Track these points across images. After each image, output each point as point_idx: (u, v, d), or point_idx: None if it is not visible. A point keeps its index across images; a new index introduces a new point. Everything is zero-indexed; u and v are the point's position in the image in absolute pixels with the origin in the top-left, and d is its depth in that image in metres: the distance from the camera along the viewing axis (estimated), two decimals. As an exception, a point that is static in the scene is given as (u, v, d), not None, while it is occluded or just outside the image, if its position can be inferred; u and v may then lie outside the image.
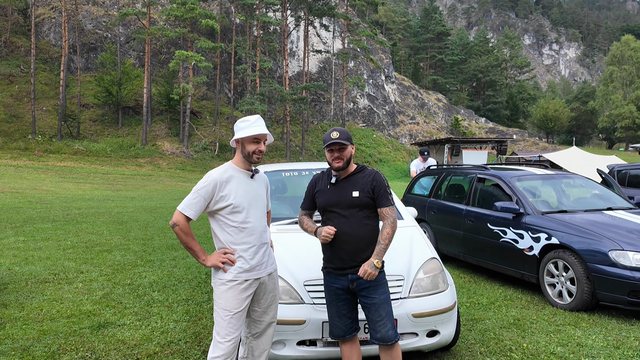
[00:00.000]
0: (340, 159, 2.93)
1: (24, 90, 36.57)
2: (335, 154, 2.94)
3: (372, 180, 2.93)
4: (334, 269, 2.95)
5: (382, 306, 2.87)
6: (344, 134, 2.95)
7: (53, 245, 8.23)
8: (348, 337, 2.98)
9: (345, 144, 2.91)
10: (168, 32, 35.24)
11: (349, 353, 3.02)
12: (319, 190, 3.05)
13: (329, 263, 2.99)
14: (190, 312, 4.83)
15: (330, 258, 2.96)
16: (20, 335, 4.17)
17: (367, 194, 2.91)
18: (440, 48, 78.90)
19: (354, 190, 2.92)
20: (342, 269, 2.91)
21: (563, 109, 69.97)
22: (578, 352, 3.90)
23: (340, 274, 2.92)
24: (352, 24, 45.13)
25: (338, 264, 2.92)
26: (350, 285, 2.90)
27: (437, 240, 7.29)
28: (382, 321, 2.86)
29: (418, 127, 56.88)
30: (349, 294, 2.95)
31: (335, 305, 2.97)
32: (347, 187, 2.94)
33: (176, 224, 2.67)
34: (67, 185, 21.99)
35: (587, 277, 4.83)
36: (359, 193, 2.90)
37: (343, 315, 2.95)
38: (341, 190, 2.94)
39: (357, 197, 2.90)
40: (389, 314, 2.88)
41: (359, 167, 3.04)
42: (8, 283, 5.81)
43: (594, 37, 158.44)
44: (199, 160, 35.27)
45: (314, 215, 3.19)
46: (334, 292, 2.96)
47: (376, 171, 3.01)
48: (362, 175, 2.97)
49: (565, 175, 6.68)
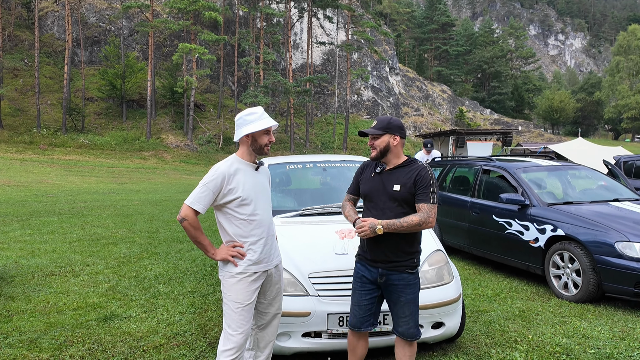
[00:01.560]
0: (373, 149, 2.87)
1: (29, 84, 36.65)
2: (369, 142, 2.90)
3: (416, 175, 2.77)
4: (367, 260, 2.89)
5: (407, 305, 2.82)
6: (381, 122, 2.86)
7: (59, 238, 8.27)
8: (363, 329, 2.92)
9: (377, 133, 2.83)
10: (171, 25, 35.15)
11: (355, 344, 3.00)
12: (364, 178, 2.99)
13: (362, 251, 2.94)
14: (196, 304, 4.85)
15: (365, 247, 2.91)
16: (27, 327, 4.21)
17: (408, 189, 2.77)
18: (444, 39, 78.39)
19: (396, 183, 2.80)
20: (375, 261, 2.85)
21: (569, 99, 69.53)
22: (584, 344, 3.89)
23: (372, 265, 2.87)
24: (355, 15, 44.86)
25: (371, 255, 2.86)
26: (379, 279, 2.85)
27: (442, 232, 7.28)
28: (405, 318, 2.82)
29: (422, 118, 56.68)
30: (374, 285, 2.88)
31: (358, 293, 2.92)
32: (390, 179, 2.83)
33: (185, 219, 2.65)
34: (73, 178, 22.08)
35: (593, 269, 4.81)
36: (400, 187, 2.78)
37: (363, 306, 2.90)
38: (384, 181, 2.85)
39: (397, 191, 2.78)
40: (413, 312, 2.83)
41: (409, 160, 2.88)
42: (15, 276, 5.85)
43: (600, 26, 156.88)
44: (203, 153, 35.31)
45: (358, 202, 3.12)
46: (359, 280, 2.92)
47: (424, 166, 2.82)
48: (407, 169, 2.82)
49: (571, 167, 6.64)
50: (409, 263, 2.83)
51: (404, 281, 2.81)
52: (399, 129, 2.86)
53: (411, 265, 2.83)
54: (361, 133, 2.97)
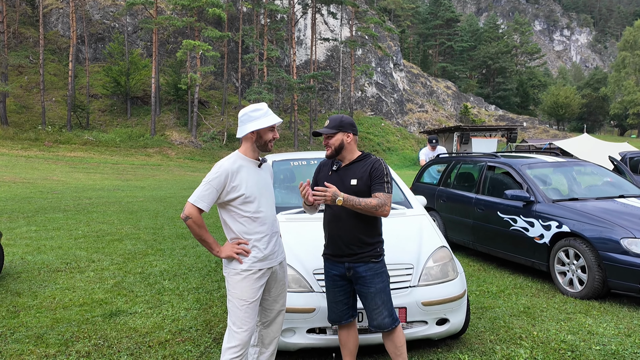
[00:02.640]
0: (328, 147, 2.95)
1: (34, 81, 36.79)
2: (324, 142, 2.98)
3: (371, 167, 2.89)
4: (331, 256, 2.97)
5: (378, 295, 2.88)
6: (334, 121, 2.94)
7: (64, 235, 8.32)
8: (344, 322, 3.01)
9: (331, 132, 2.91)
10: (175, 22, 35.17)
11: (346, 338, 3.07)
12: (321, 177, 3.07)
13: (327, 249, 3.01)
14: (201, 300, 4.87)
15: (328, 245, 2.99)
16: (34, 323, 4.24)
17: (365, 182, 2.88)
18: (449, 35, 78.05)
19: (353, 178, 2.90)
20: (339, 256, 2.93)
21: (574, 95, 69.10)
22: (589, 340, 3.88)
23: (337, 261, 2.94)
24: (360, 11, 44.71)
25: (335, 251, 2.94)
26: (347, 273, 2.92)
27: (447, 229, 7.26)
28: (378, 309, 2.88)
29: (427, 115, 56.51)
30: (345, 281, 2.97)
31: (332, 291, 3.00)
32: (347, 175, 2.93)
33: (189, 217, 2.64)
34: (78, 175, 22.18)
35: (598, 265, 4.79)
36: (357, 181, 2.89)
37: (339, 302, 2.99)
38: (341, 178, 2.94)
39: (354, 185, 2.88)
40: (385, 302, 2.89)
41: (362, 155, 3.00)
42: (21, 272, 5.89)
43: (606, 22, 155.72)
44: (208, 149, 35.36)
45: None
46: (331, 279, 2.99)
47: (377, 159, 2.95)
48: (362, 164, 2.94)
49: (577, 163, 6.61)
50: (373, 253, 2.90)
51: (371, 271, 2.88)
52: (351, 126, 2.96)
53: (375, 255, 2.91)
54: (315, 133, 3.02)
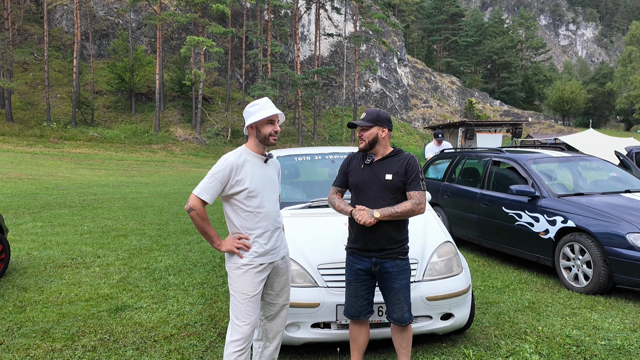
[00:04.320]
0: (362, 140, 2.94)
1: (38, 78, 36.89)
2: (358, 134, 2.97)
3: (406, 164, 2.89)
4: (359, 250, 2.95)
5: (401, 291, 2.90)
6: (370, 115, 2.94)
7: (70, 231, 8.36)
8: (362, 318, 3.00)
9: (366, 125, 2.90)
10: (179, 18, 35.13)
11: (357, 333, 3.06)
12: (352, 169, 3.04)
13: (354, 243, 2.98)
14: (206, 295, 4.89)
15: (356, 239, 2.96)
16: (40, 318, 4.27)
17: (400, 178, 2.87)
18: (454, 29, 77.54)
19: (388, 173, 2.89)
20: (367, 250, 2.91)
21: (580, 90, 68.62)
22: (594, 335, 3.87)
23: (365, 256, 2.93)
24: (364, 6, 44.52)
25: (363, 246, 2.92)
26: (373, 268, 2.91)
27: (451, 224, 7.25)
28: (400, 304, 2.90)
29: (431, 110, 56.32)
30: (369, 276, 2.96)
31: (354, 285, 2.98)
32: (381, 169, 2.92)
33: (192, 209, 2.66)
34: (83, 171, 22.27)
35: (603, 260, 4.77)
36: (392, 176, 2.88)
37: (360, 297, 2.97)
38: (375, 172, 2.92)
39: (389, 180, 2.87)
40: (407, 298, 2.92)
41: (395, 150, 2.99)
42: (27, 267, 5.93)
43: (612, 16, 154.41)
44: (212, 146, 35.39)
45: (344, 193, 3.16)
46: (354, 272, 2.97)
47: (411, 155, 2.96)
48: (397, 159, 2.93)
49: (582, 158, 6.57)
50: (401, 250, 2.93)
51: (397, 267, 2.90)
52: (387, 121, 2.97)
53: (402, 252, 2.93)
54: (350, 124, 3.03)
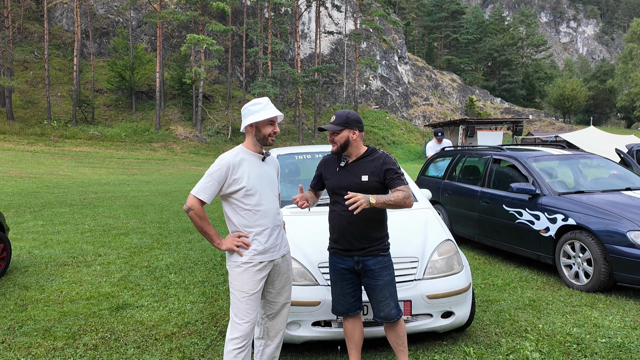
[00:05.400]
0: (334, 143, 2.95)
1: (39, 76, 36.88)
2: (329, 138, 2.97)
3: (382, 164, 2.89)
4: (340, 250, 2.97)
5: (386, 287, 2.91)
6: (340, 118, 2.93)
7: (71, 229, 8.37)
8: (351, 314, 3.03)
9: (336, 129, 2.90)
10: (179, 16, 35.10)
11: (352, 331, 3.08)
12: (327, 172, 3.05)
13: (335, 244, 3.01)
14: (207, 294, 4.90)
15: (337, 239, 2.98)
16: (41, 316, 4.28)
17: (377, 178, 2.88)
18: (454, 27, 77.44)
19: (363, 174, 2.89)
20: (349, 250, 2.94)
21: (580, 88, 68.51)
22: (594, 333, 3.87)
23: (347, 255, 2.95)
24: (364, 4, 44.46)
25: (345, 246, 2.94)
26: (356, 267, 2.94)
27: (452, 222, 7.25)
28: (385, 301, 2.92)
29: (432, 108, 56.26)
30: (353, 274, 2.99)
31: (339, 284, 3.01)
32: (356, 171, 2.92)
33: (191, 208, 2.68)
34: (83, 170, 22.28)
35: (604, 258, 4.77)
36: (369, 177, 2.88)
37: (347, 294, 3.00)
38: (350, 174, 2.93)
39: (366, 182, 2.88)
40: (392, 294, 2.93)
41: (369, 150, 3.00)
42: (28, 266, 5.94)
43: (613, 13, 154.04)
44: (212, 144, 35.39)
45: (320, 195, 3.20)
46: (339, 272, 3.00)
47: (386, 154, 2.96)
48: (371, 159, 2.94)
49: (583, 156, 6.57)
50: (382, 246, 2.94)
51: (380, 264, 2.92)
52: (357, 123, 2.95)
53: (383, 248, 2.95)
54: (321, 129, 3.02)
